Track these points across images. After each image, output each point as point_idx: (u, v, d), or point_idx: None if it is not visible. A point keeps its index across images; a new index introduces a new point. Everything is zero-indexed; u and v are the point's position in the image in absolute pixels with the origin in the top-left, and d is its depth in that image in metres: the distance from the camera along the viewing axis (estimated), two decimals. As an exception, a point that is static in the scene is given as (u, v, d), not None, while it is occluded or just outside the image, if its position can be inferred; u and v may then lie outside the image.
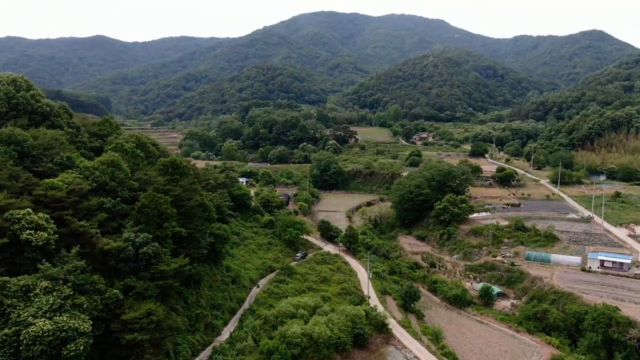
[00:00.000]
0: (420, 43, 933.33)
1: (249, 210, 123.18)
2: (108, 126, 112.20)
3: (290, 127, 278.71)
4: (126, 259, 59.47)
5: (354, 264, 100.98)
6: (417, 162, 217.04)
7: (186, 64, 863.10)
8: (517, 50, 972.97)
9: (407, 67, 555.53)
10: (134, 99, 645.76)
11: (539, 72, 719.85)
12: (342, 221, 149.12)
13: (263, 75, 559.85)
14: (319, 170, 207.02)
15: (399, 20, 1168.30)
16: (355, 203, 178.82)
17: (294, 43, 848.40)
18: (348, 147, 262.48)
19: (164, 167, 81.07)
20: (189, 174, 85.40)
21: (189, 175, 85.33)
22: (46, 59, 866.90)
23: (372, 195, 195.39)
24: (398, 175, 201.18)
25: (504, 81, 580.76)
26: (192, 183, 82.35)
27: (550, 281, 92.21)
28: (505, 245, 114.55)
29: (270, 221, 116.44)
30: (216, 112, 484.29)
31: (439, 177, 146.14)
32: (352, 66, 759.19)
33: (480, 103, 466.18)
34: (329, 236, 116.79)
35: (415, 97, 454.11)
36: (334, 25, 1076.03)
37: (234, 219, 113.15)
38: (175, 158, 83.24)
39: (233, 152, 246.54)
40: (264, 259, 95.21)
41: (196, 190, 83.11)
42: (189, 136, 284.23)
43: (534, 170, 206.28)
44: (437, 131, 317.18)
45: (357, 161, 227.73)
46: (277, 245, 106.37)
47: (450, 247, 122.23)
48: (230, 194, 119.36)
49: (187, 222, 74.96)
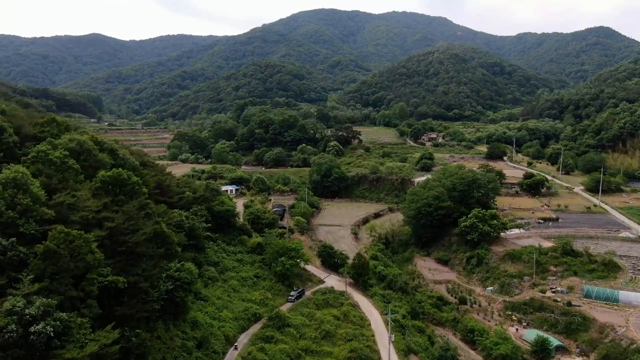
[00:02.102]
0: (422, 41, 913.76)
1: (233, 230, 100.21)
2: (54, 127, 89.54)
3: (288, 126, 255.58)
4: (6, 344, 36.70)
5: (365, 306, 77.93)
6: (429, 166, 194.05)
7: (183, 62, 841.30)
8: (521, 48, 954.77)
9: (411, 63, 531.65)
10: (127, 98, 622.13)
11: (545, 69, 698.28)
12: (347, 238, 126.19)
13: (261, 72, 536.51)
14: (319, 175, 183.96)
15: (400, 18, 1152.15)
16: (361, 214, 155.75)
17: (293, 41, 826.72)
18: (351, 148, 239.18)
19: (102, 184, 58.10)
20: (141, 193, 62.29)
21: (141, 194, 62.28)
22: (40, 58, 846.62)
23: (379, 204, 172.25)
24: (408, 181, 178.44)
25: (512, 78, 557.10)
26: (143, 206, 59.37)
27: (627, 332, 69.27)
28: (552, 275, 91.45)
29: (259, 245, 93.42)
30: (211, 111, 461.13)
31: (461, 187, 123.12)
32: (353, 64, 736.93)
33: (489, 101, 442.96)
34: (331, 263, 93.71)
35: (421, 95, 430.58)
36: (335, 23, 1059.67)
37: (214, 243, 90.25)
38: (120, 171, 60.15)
39: (224, 154, 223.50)
40: (247, 302, 72.15)
41: (149, 216, 60.24)
42: (178, 137, 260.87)
43: (563, 176, 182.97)
44: (447, 131, 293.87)
45: (361, 165, 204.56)
46: (266, 278, 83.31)
47: (482, 276, 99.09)
48: (210, 210, 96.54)
49: (130, 266, 52.09)
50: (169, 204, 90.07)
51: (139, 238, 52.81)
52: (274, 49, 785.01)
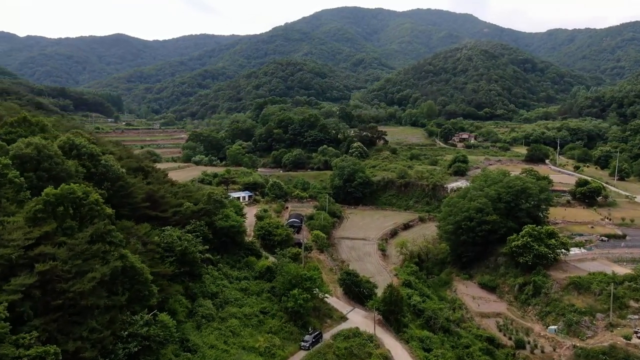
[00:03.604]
0: (447, 38, 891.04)
1: (239, 249, 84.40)
2: (25, 127, 75.67)
3: (309, 126, 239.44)
4: None
5: (400, 356, 60.93)
6: (463, 170, 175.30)
7: (205, 61, 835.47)
8: (551, 45, 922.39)
9: (437, 60, 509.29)
10: (148, 98, 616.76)
11: (578, 66, 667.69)
12: (374, 256, 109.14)
13: (282, 71, 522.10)
14: (341, 179, 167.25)
15: (424, 15, 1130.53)
16: (388, 224, 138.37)
17: (316, 39, 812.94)
18: (376, 150, 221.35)
19: (45, 206, 42.57)
20: (103, 215, 46.62)
21: (103, 217, 46.63)
22: (64, 58, 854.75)
23: (408, 213, 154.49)
24: (441, 187, 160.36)
25: (545, 76, 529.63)
26: (102, 235, 43.79)
27: None
28: (634, 312, 72.86)
29: (269, 269, 77.31)
30: (231, 111, 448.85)
31: (508, 197, 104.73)
32: (377, 62, 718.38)
33: (521, 99, 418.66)
34: (356, 292, 76.86)
35: (449, 93, 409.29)
36: (358, 21, 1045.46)
37: (214, 268, 74.55)
38: (72, 188, 44.51)
39: (240, 156, 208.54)
40: (248, 353, 56.02)
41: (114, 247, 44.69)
42: (193, 137, 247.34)
43: (618, 182, 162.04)
44: (479, 131, 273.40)
45: (387, 168, 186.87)
46: (275, 315, 67.12)
47: (540, 309, 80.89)
48: (212, 225, 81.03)
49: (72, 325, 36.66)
50: (161, 219, 75.09)
51: (84, 285, 37.25)
52: (296, 47, 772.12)
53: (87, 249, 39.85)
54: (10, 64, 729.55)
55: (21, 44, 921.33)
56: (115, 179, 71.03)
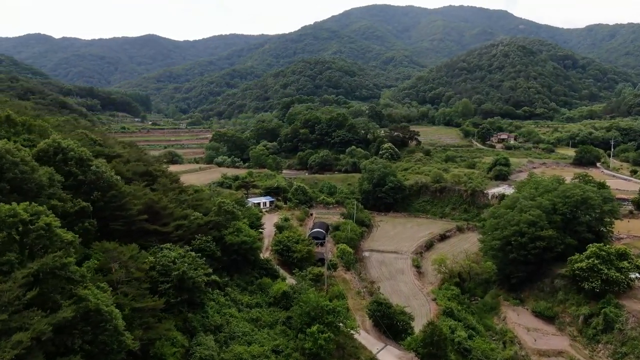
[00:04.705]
0: (481, 35, 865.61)
1: (253, 268, 73.12)
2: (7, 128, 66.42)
3: (337, 126, 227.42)
4: None
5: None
6: (505, 174, 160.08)
7: (233, 61, 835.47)
8: (591, 41, 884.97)
9: (472, 57, 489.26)
10: (176, 97, 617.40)
11: (621, 63, 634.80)
12: (407, 273, 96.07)
13: (310, 69, 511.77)
14: (370, 184, 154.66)
15: (457, 12, 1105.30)
16: (422, 234, 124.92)
17: (345, 37, 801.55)
18: (408, 151, 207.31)
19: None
20: (58, 245, 35.45)
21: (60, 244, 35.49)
22: (97, 59, 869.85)
23: (444, 221, 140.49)
24: (481, 193, 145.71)
25: (586, 72, 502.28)
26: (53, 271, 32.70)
27: None
28: None
29: (285, 295, 65.59)
30: (258, 110, 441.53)
31: (564, 208, 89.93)
32: (408, 59, 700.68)
33: (562, 97, 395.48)
34: (388, 327, 64.13)
35: (485, 91, 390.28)
36: (388, 19, 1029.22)
37: (220, 292, 63.28)
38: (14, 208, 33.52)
39: (263, 157, 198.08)
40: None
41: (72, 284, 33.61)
42: (216, 137, 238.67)
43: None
44: (519, 131, 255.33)
45: (421, 171, 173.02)
46: (289, 356, 55.20)
47: (614, 349, 66.37)
48: (221, 240, 70.16)
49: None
50: (161, 234, 64.20)
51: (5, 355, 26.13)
52: (325, 46, 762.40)
53: (18, 297, 28.87)
54: (45, 65, 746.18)
55: (56, 45, 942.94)
56: (106, 187, 60.53)
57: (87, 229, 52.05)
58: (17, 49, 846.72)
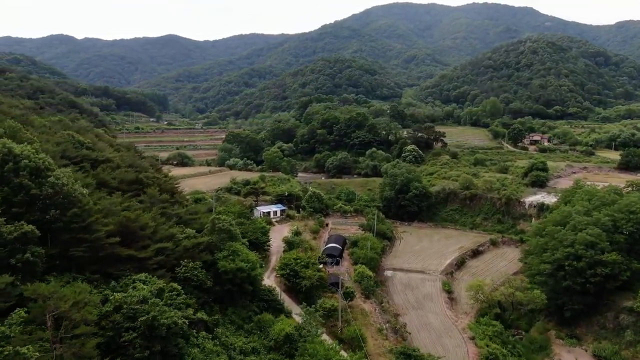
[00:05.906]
0: (506, 33, 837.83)
1: (251, 300, 60.25)
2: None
3: (356, 126, 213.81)
4: None
5: None
6: (542, 180, 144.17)
7: (253, 60, 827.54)
8: (622, 38, 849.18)
9: (498, 55, 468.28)
10: (194, 97, 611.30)
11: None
12: (436, 300, 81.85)
13: (330, 68, 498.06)
14: (393, 190, 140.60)
15: (481, 10, 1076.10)
16: (452, 249, 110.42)
17: (365, 36, 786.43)
18: (433, 154, 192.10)
19: None
20: None
21: None
22: (118, 59, 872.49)
23: (475, 233, 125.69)
24: (516, 202, 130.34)
25: (620, 70, 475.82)
26: None
27: None
28: None
29: (289, 337, 52.46)
30: (275, 110, 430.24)
31: (629, 226, 74.89)
32: (430, 58, 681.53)
33: (596, 96, 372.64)
34: (419, 381, 50.72)
35: (512, 90, 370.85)
36: (409, 17, 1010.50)
37: (207, 335, 50.47)
38: None
39: (277, 160, 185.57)
40: None
41: None
42: (229, 138, 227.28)
43: None
44: (553, 132, 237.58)
45: (448, 176, 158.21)
46: None
47: None
48: (213, 266, 57.65)
49: None
50: (137, 260, 51.96)
51: None
52: (345, 44, 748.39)
53: None
54: (67, 65, 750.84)
55: (79, 46, 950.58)
56: (67, 203, 48.34)
57: (29, 262, 40.26)
58: (41, 49, 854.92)
